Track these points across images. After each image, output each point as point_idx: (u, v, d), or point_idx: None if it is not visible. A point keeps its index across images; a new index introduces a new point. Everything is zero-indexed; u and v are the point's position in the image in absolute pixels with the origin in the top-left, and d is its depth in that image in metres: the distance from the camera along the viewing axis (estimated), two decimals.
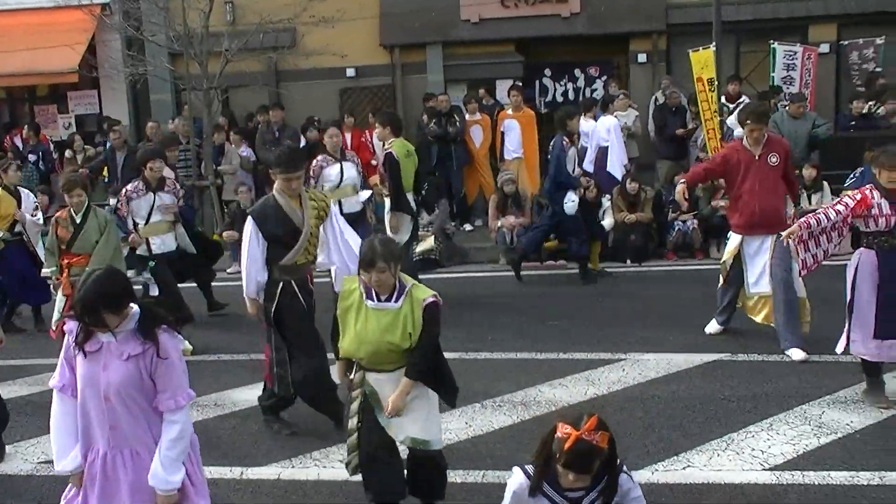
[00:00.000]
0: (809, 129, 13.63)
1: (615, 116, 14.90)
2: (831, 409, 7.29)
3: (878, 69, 16.79)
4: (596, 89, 18.82)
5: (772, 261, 8.66)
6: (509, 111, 15.41)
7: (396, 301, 5.36)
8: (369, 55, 18.94)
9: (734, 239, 8.97)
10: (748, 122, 8.76)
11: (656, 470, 6.36)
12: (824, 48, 17.50)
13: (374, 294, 5.38)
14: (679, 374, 8.26)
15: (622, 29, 18.40)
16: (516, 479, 4.24)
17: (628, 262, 13.01)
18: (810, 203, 12.68)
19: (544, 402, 7.68)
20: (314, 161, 10.53)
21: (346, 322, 5.47)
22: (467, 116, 15.67)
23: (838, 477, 6.15)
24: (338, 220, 7.55)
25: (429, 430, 5.56)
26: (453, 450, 6.71)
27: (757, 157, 8.71)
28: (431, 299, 5.38)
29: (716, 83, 14.14)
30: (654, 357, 8.71)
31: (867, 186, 7.25)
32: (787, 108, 14.53)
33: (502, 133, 15.35)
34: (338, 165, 10.58)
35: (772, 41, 16.63)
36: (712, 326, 9.33)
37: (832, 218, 7.29)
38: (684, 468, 6.37)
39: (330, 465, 6.69)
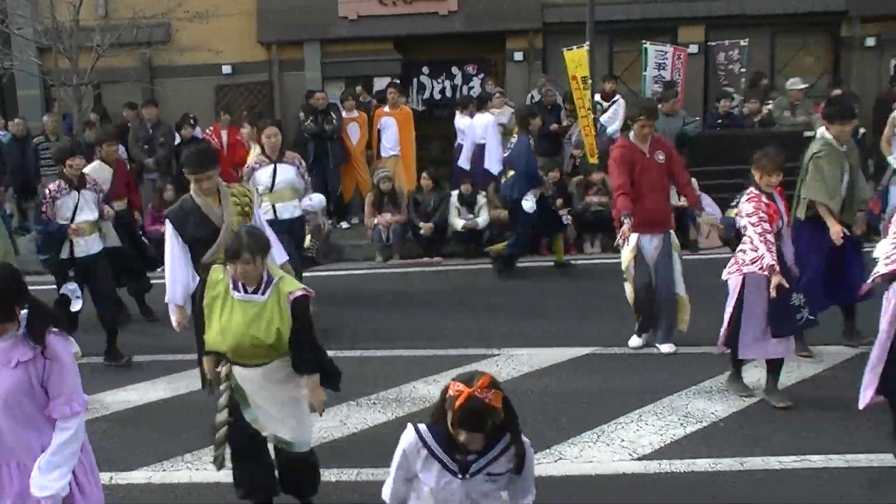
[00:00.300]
0: (680, 126, 13.98)
1: (491, 114, 15.05)
2: (697, 400, 7.52)
3: (743, 69, 17.38)
4: (473, 87, 18.97)
5: (658, 259, 8.69)
6: (386, 108, 15.41)
7: (263, 294, 5.30)
8: (246, 52, 18.72)
9: (631, 239, 8.65)
10: (641, 117, 8.68)
11: None
12: (693, 49, 18.00)
13: (240, 285, 5.32)
14: (551, 368, 8.40)
15: (499, 27, 18.58)
16: (407, 438, 4.21)
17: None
18: (679, 199, 12.98)
19: (419, 399, 7.72)
20: (247, 162, 10.07)
21: (212, 313, 5.39)
22: (344, 114, 15.61)
23: (702, 464, 6.36)
24: (259, 217, 7.30)
25: (297, 431, 5.53)
26: (328, 448, 6.72)
27: (648, 155, 8.74)
28: (300, 292, 5.33)
29: (590, 81, 14.40)
30: (527, 352, 8.83)
31: (754, 195, 7.23)
32: (660, 105, 14.90)
33: (379, 130, 15.35)
34: (271, 167, 9.69)
35: (644, 41, 17.02)
36: (634, 341, 9.00)
37: (772, 246, 7.09)
38: (556, 461, 6.49)
39: (202, 467, 6.61)
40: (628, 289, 8.81)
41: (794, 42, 19.16)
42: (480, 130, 14.95)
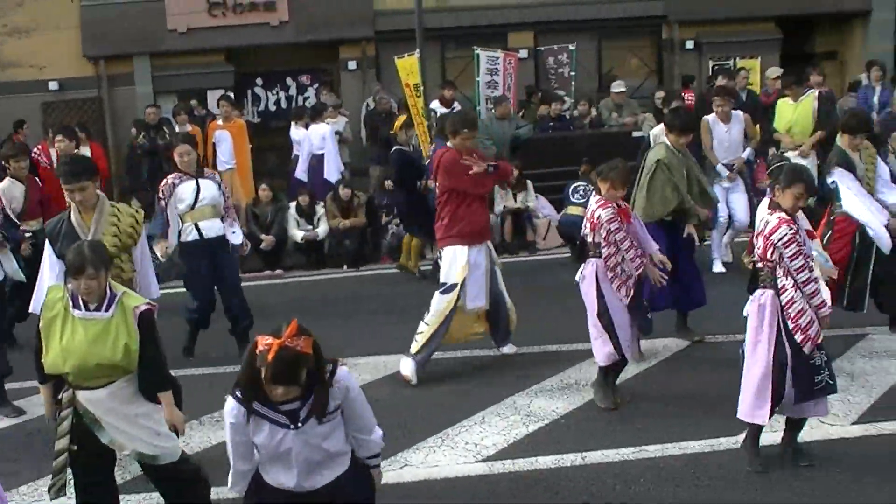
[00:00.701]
0: (513, 130, 14.24)
1: (327, 124, 15.03)
2: (539, 398, 7.67)
3: (573, 73, 17.84)
4: (308, 97, 18.95)
5: (489, 274, 8.48)
6: (220, 122, 15.19)
7: (107, 310, 5.11)
8: (73, 67, 18.24)
9: (462, 252, 8.29)
10: (465, 129, 8.38)
11: None
12: (523, 54, 18.39)
13: (81, 302, 5.13)
14: (395, 374, 8.42)
15: (331, 36, 18.64)
16: (228, 408, 4.16)
17: (345, 267, 13.12)
18: (515, 201, 13.27)
19: None
20: (165, 178, 9.08)
21: (51, 334, 5.13)
22: (177, 128, 15.33)
23: (545, 461, 6.49)
24: (144, 241, 6.92)
25: (159, 444, 5.37)
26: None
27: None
28: (145, 307, 5.18)
29: (422, 88, 14.53)
30: (372, 359, 8.84)
31: (599, 201, 7.23)
32: (492, 110, 15.17)
33: (214, 144, 15.12)
34: (192, 182, 8.84)
35: (475, 47, 17.27)
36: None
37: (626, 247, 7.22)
38: (402, 467, 6.52)
39: (40, 498, 6.38)
40: (451, 300, 8.24)
41: (620, 45, 19.87)
42: (317, 140, 14.91)
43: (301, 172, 14.97)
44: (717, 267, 11.29)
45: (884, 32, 19.54)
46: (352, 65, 18.81)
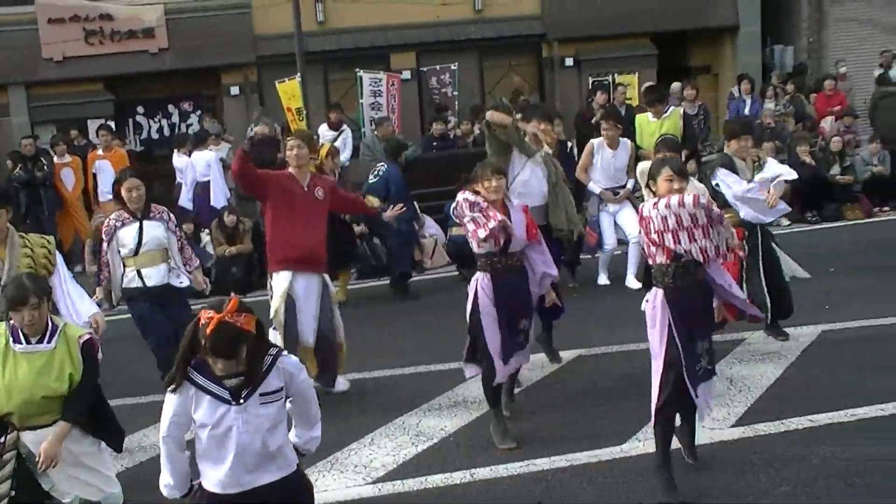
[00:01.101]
0: None
1: (210, 150, 14.93)
2: (428, 417, 7.71)
3: (455, 92, 18.07)
4: (191, 124, 18.75)
5: (321, 304, 8.21)
6: (100, 151, 14.95)
7: (49, 342, 5.03)
8: None
9: (283, 277, 8.06)
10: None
11: None
12: (406, 75, 18.53)
13: (21, 336, 5.02)
14: None
15: (212, 63, 18.49)
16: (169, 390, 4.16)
17: (232, 294, 12.91)
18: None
19: (150, 447, 7.47)
20: (108, 219, 8.28)
21: None
22: (56, 159, 15.03)
23: (434, 480, 6.53)
24: (62, 266, 6.68)
25: (103, 487, 5.28)
26: None
27: (305, 189, 8.21)
28: (88, 336, 5.14)
29: (304, 112, 14.54)
30: None
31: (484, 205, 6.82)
32: (375, 132, 15.26)
33: (94, 174, 14.88)
34: (136, 225, 8.02)
35: (357, 69, 17.35)
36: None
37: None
38: None
39: None
40: (278, 337, 7.91)
41: (501, 64, 20.13)
42: (202, 167, 14.80)
43: (185, 200, 14.83)
44: (602, 280, 11.55)
45: (752, 46, 20.23)
46: (234, 90, 18.68)
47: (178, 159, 15.16)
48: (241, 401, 4.12)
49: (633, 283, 11.27)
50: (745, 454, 6.55)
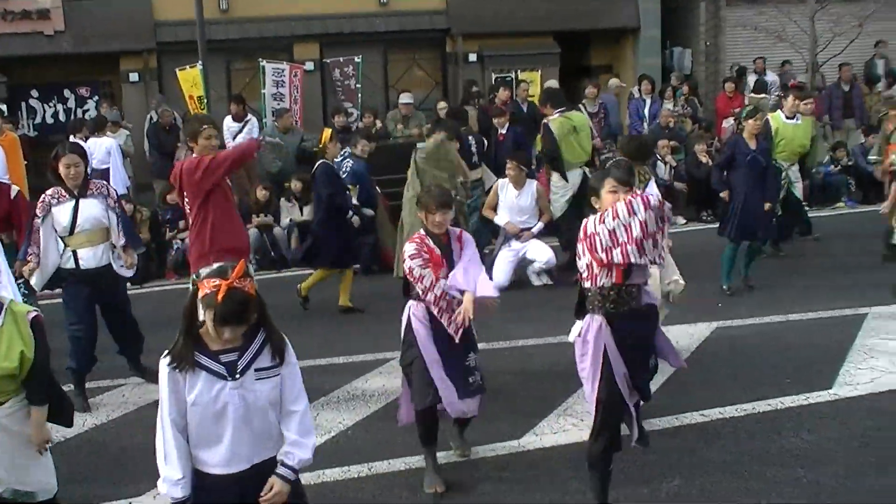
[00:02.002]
0: (298, 143, 14.22)
1: (109, 136, 14.64)
2: (325, 410, 7.71)
3: (359, 85, 18.02)
4: (88, 110, 18.34)
5: None
6: None
7: None
8: None
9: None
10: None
11: (157, 495, 6.35)
12: (309, 66, 18.40)
13: None
14: None
15: (111, 48, 18.07)
16: (163, 365, 4.10)
17: (128, 283, 12.70)
18: (302, 214, 13.26)
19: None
20: (44, 194, 7.88)
21: None
22: None
23: (332, 473, 6.53)
24: None
25: (42, 478, 5.13)
26: None
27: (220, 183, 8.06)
28: (35, 313, 5.01)
29: (205, 100, 14.34)
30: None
31: (418, 235, 6.29)
32: (276, 122, 15.15)
33: None
34: (72, 203, 7.72)
35: (261, 59, 17.17)
36: None
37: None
38: None
39: None
40: None
41: (405, 57, 20.13)
42: (100, 154, 14.48)
43: None
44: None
45: (652, 48, 20.62)
46: (133, 77, 18.30)
47: None
48: (238, 375, 4.10)
49: (535, 279, 11.46)
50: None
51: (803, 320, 9.70)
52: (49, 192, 7.81)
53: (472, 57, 19.77)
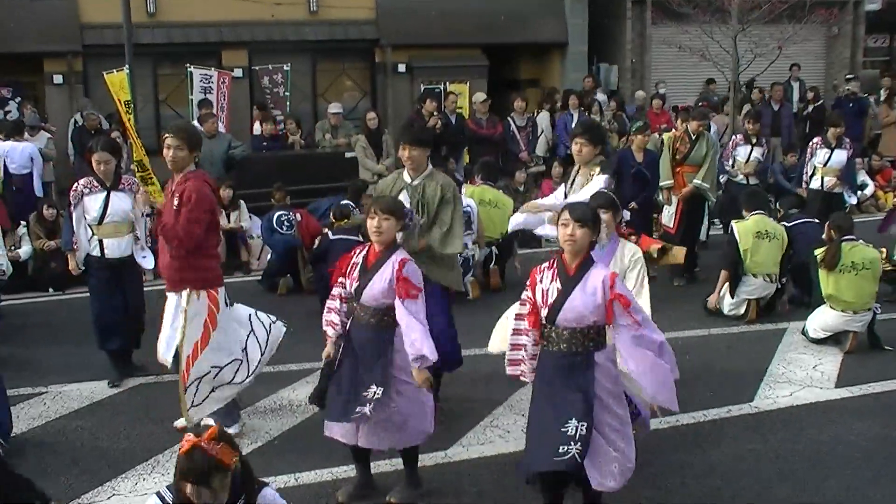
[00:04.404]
0: (225, 149, 14.10)
1: (28, 140, 14.42)
2: (252, 419, 7.68)
3: (288, 93, 17.98)
4: (10, 111, 18.01)
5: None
6: None
7: None
8: None
9: (222, 295, 7.22)
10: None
11: None
12: (238, 73, 18.31)
13: None
14: (104, 401, 8.20)
15: (35, 49, 17.81)
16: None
17: (50, 290, 12.52)
18: (229, 221, 13.16)
19: None
20: (76, 183, 8.44)
21: None
22: None
23: None
24: None
25: None
26: None
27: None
28: None
29: (132, 105, 14.18)
30: (76, 387, 8.53)
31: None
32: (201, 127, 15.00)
33: None
34: (103, 194, 8.27)
35: (188, 65, 17.03)
36: None
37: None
38: (110, 497, 6.35)
39: None
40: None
41: (334, 67, 20.16)
42: (21, 160, 14.25)
43: None
44: None
45: (579, 63, 20.92)
46: (57, 79, 18.04)
47: None
48: None
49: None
50: None
51: (725, 334, 9.92)
52: (82, 181, 8.40)
53: (402, 68, 19.88)
